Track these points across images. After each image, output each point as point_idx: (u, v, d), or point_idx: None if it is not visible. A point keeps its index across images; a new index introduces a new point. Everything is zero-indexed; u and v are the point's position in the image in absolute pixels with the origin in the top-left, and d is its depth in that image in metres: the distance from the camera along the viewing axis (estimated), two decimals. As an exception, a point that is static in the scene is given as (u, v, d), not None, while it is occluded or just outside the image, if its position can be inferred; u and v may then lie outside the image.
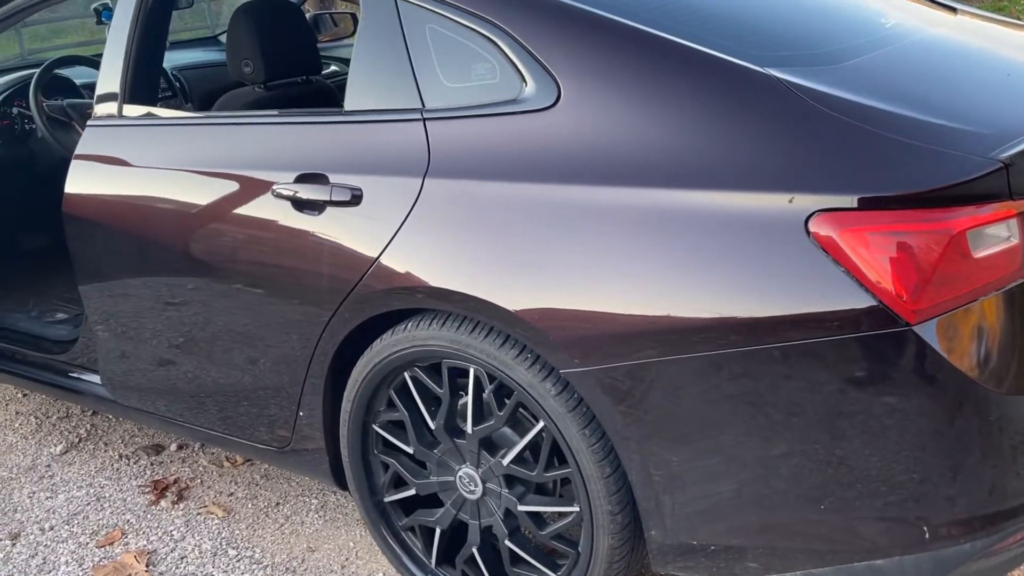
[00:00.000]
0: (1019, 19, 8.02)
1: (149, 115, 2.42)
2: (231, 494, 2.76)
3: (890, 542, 1.67)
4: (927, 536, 1.64)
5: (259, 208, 2.14)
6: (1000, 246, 1.56)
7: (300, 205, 2.06)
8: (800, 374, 1.61)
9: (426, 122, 1.94)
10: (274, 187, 2.09)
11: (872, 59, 1.87)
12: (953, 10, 2.36)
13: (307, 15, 4.25)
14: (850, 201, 1.55)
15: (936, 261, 1.52)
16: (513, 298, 1.79)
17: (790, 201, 1.57)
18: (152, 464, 2.95)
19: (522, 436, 1.96)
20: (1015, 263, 1.57)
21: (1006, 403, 1.58)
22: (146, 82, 2.50)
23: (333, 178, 2.01)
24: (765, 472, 1.69)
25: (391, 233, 1.93)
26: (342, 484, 2.30)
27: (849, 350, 1.57)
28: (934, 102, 1.73)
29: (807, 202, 1.56)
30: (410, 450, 2.12)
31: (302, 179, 2.06)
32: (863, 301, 1.54)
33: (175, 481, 2.84)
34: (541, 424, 1.90)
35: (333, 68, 3.84)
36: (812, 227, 1.56)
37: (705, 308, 1.64)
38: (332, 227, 2.02)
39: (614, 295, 1.70)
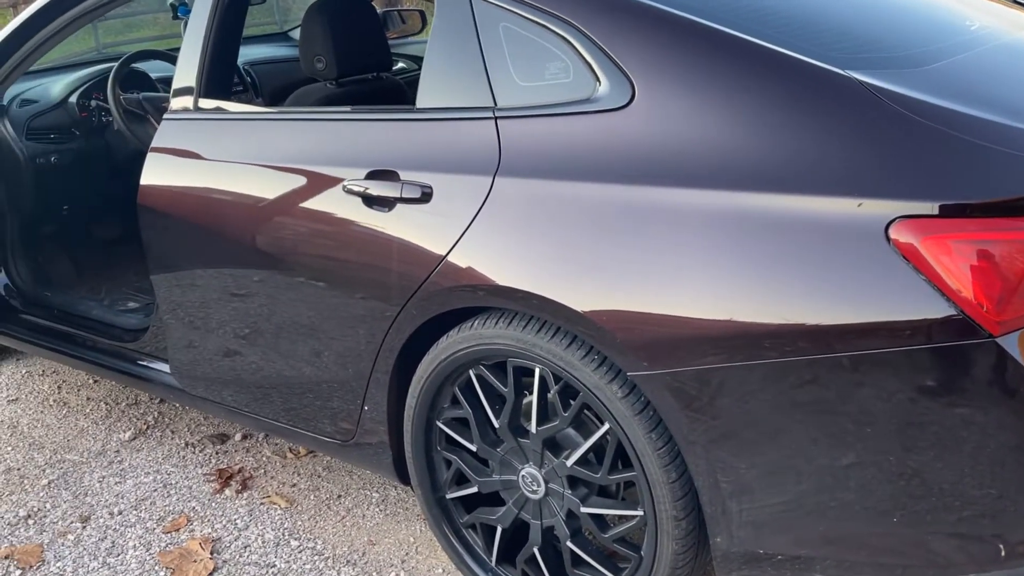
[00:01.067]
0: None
1: (224, 110, 2.46)
2: (294, 485, 2.80)
3: (964, 558, 1.62)
4: (1003, 554, 1.59)
5: (329, 203, 2.16)
6: (1091, 257, 1.50)
7: (370, 201, 2.07)
8: (874, 383, 1.57)
9: (498, 120, 1.93)
10: (345, 183, 2.11)
11: (957, 62, 1.82)
12: (1039, 12, 2.29)
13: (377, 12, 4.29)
14: (932, 208, 1.51)
15: (1022, 271, 1.47)
16: (581, 299, 1.78)
17: (858, 206, 1.54)
18: (217, 453, 3.00)
19: (587, 438, 1.95)
20: (1106, 275, 1.52)
21: (1092, 420, 1.53)
22: (221, 77, 2.54)
23: (404, 175, 2.02)
24: (834, 482, 1.65)
25: (460, 231, 1.93)
26: (404, 479, 2.32)
27: (927, 360, 1.54)
28: (1021, 107, 1.68)
29: (888, 208, 1.53)
30: (473, 448, 2.13)
31: (373, 175, 2.07)
32: (944, 311, 1.50)
33: (239, 470, 2.88)
34: (606, 426, 1.89)
35: (401, 65, 3.87)
36: (893, 234, 1.52)
37: (777, 314, 1.61)
38: (402, 224, 2.03)
39: (683, 298, 1.68)
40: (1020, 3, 2.39)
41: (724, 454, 1.72)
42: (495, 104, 1.95)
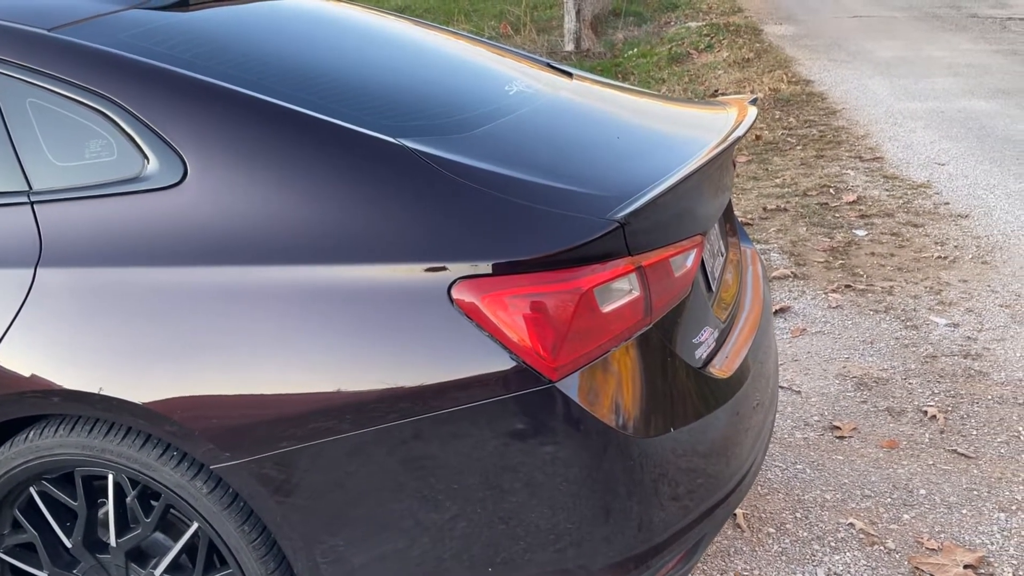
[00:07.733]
0: (629, 79, 8.95)
1: None
2: None
3: None
4: None
5: None
6: (624, 299, 1.67)
7: None
8: (459, 439, 1.61)
9: (34, 206, 1.74)
10: None
11: (500, 126, 1.94)
12: (569, 75, 2.54)
13: None
14: (487, 267, 1.58)
15: (570, 319, 1.59)
16: (151, 393, 1.65)
17: (426, 271, 1.58)
18: None
19: (176, 541, 1.80)
20: (639, 313, 1.69)
21: (643, 445, 1.68)
22: None
23: (-75, 274, 1.75)
24: (437, 539, 1.67)
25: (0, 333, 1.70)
26: (-35, 626, 1.99)
27: (501, 410, 1.60)
28: (558, 167, 1.83)
29: (449, 271, 1.58)
30: (44, 575, 1.88)
31: None
32: (510, 363, 1.58)
33: None
34: (196, 526, 1.75)
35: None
36: (455, 295, 1.58)
37: (355, 385, 1.60)
38: (-74, 330, 1.75)
39: (257, 381, 1.61)
40: (555, 67, 2.64)
41: (321, 534, 1.67)
42: (30, 188, 1.75)
